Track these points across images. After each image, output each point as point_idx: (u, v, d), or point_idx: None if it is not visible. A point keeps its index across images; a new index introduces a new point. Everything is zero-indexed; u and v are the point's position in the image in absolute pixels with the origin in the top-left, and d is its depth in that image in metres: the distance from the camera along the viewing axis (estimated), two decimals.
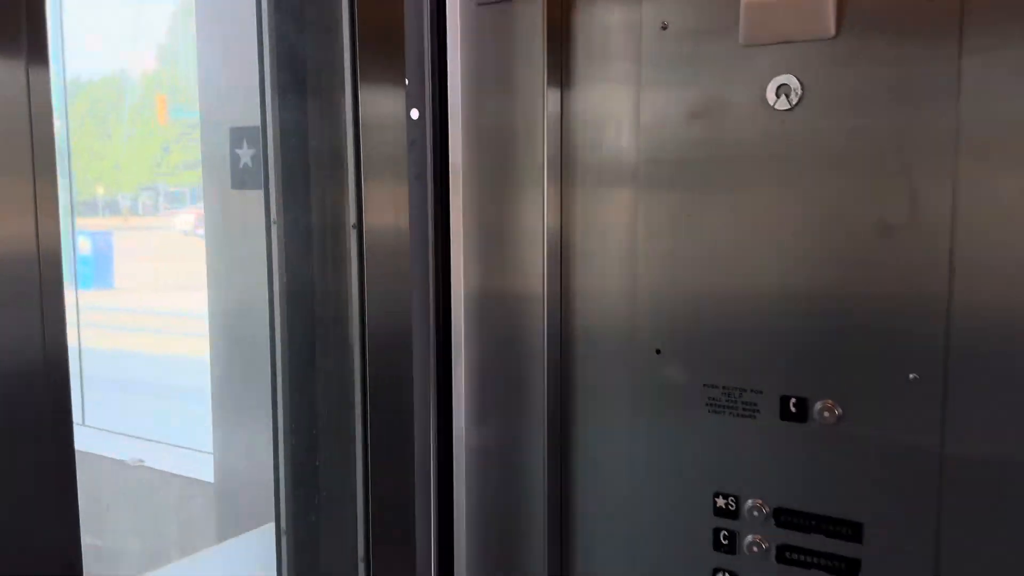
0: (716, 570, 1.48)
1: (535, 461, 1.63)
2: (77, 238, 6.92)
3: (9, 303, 0.90)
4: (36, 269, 0.91)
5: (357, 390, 1.44)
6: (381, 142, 1.43)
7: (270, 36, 1.41)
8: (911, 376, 1.28)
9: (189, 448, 4.45)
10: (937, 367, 1.26)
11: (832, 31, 1.29)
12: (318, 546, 1.54)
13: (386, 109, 1.46)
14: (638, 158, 1.49)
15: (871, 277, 1.30)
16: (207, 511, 3.54)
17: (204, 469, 3.81)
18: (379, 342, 1.44)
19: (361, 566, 1.44)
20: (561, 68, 1.55)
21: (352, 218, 1.41)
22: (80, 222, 7.10)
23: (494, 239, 1.64)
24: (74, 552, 0.94)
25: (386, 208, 1.45)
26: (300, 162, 1.47)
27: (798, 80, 1.33)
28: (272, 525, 1.50)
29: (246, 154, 2.54)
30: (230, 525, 2.70)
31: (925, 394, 1.28)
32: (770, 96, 1.35)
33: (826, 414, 1.35)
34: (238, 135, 2.54)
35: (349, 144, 1.41)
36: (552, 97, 1.54)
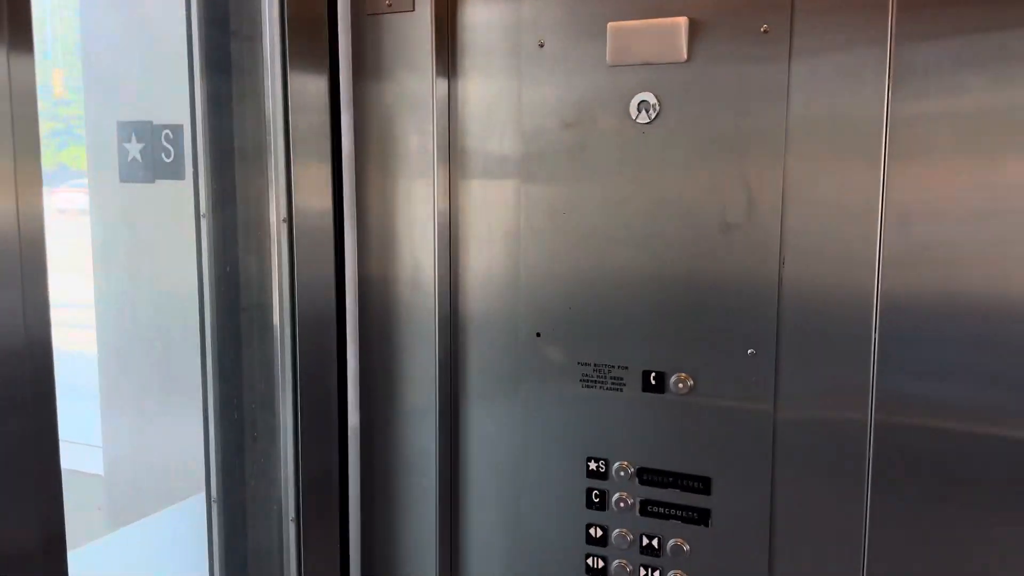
0: (589, 525, 1.68)
1: (427, 442, 1.78)
2: None
3: None
4: (17, 249, 0.98)
5: (288, 370, 1.58)
6: (309, 136, 1.58)
7: (198, 39, 1.53)
8: (749, 352, 1.51)
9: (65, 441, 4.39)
10: (771, 344, 1.50)
11: (684, 57, 1.50)
12: (246, 511, 1.67)
13: (313, 103, 1.60)
14: (520, 157, 1.66)
15: (716, 266, 1.52)
16: (92, 501, 3.53)
17: (85, 461, 3.79)
18: (307, 327, 1.60)
19: (291, 526, 1.60)
20: (448, 67, 1.69)
21: (283, 212, 1.56)
22: None
23: (386, 226, 1.77)
24: (57, 526, 1.03)
25: (313, 200, 1.61)
26: (227, 157, 1.60)
27: (656, 97, 1.53)
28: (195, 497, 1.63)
29: (135, 148, 2.59)
30: (122, 513, 2.74)
31: (761, 367, 1.51)
32: (632, 111, 1.55)
33: (680, 385, 1.57)
34: (126, 129, 2.59)
35: (279, 139, 1.55)
36: (440, 91, 1.69)
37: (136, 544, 1.92)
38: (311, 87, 1.63)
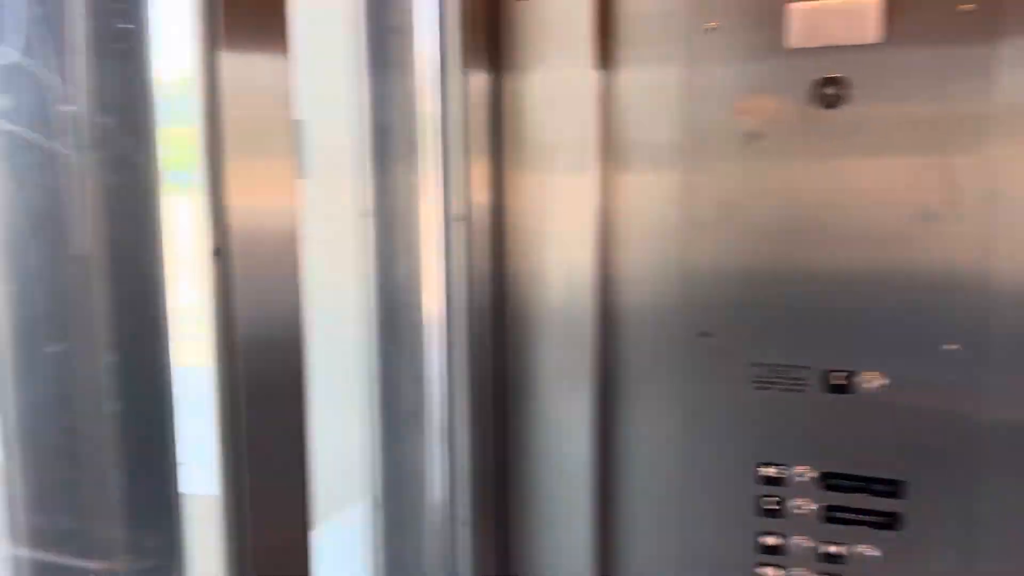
0: (760, 534, 1.60)
1: (579, 447, 1.71)
2: None
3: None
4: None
5: (459, 370, 1.55)
6: (473, 132, 1.58)
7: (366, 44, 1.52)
8: (951, 349, 1.42)
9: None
10: (978, 342, 1.40)
11: (876, 37, 1.42)
12: (410, 515, 1.66)
13: (477, 99, 1.61)
14: (684, 147, 1.58)
15: (912, 259, 1.43)
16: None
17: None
18: (474, 327, 1.57)
19: (464, 529, 1.58)
20: (605, 56, 1.63)
21: (459, 209, 1.53)
22: None
23: (534, 222, 1.71)
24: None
25: (479, 197, 1.58)
26: (390, 156, 1.59)
27: (844, 79, 1.45)
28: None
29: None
30: None
31: (964, 364, 1.41)
32: (816, 94, 1.47)
33: (869, 385, 1.48)
34: None
35: (455, 136, 1.54)
36: (598, 81, 1.62)
37: None
38: (474, 83, 1.60)
